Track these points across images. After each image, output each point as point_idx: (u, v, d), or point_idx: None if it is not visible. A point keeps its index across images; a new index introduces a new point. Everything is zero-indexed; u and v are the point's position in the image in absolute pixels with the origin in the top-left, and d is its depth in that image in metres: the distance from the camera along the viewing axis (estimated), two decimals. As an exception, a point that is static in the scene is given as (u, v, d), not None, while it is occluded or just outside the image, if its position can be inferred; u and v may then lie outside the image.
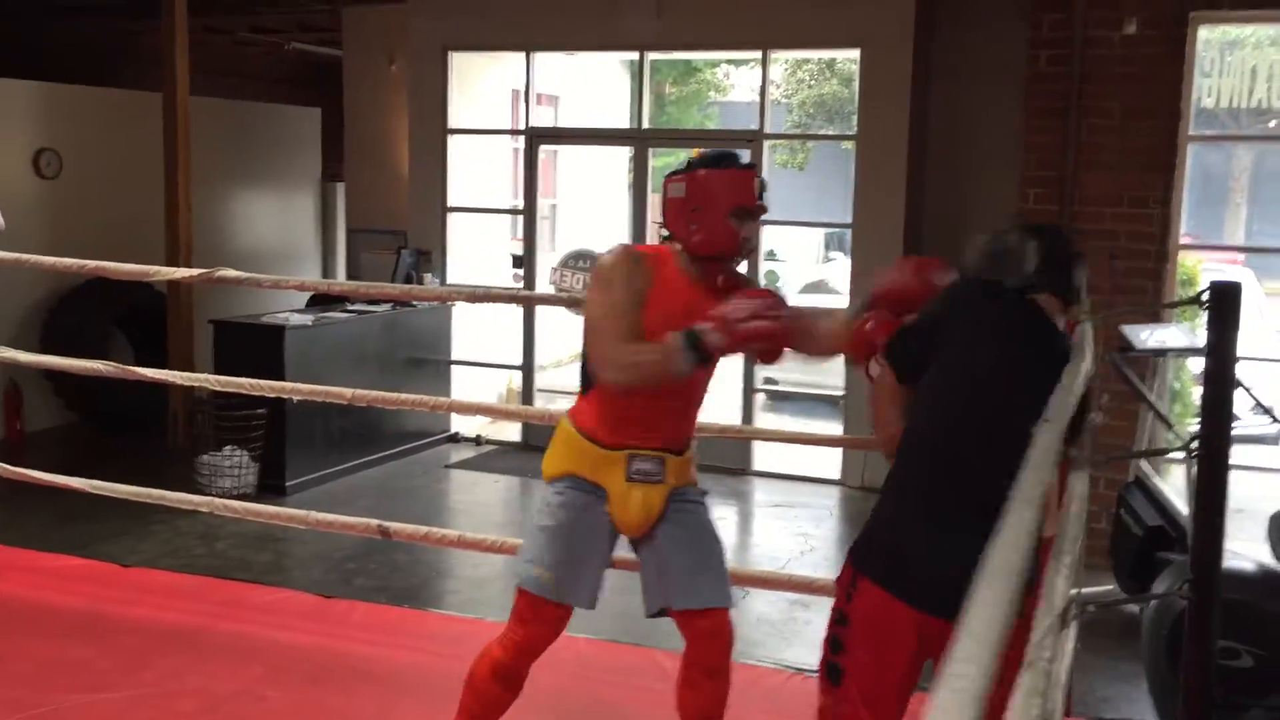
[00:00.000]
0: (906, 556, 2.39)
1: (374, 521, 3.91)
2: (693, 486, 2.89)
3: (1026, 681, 1.79)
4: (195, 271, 4.64)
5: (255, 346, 6.86)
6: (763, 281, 7.82)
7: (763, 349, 2.72)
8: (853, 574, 2.44)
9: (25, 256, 4.41)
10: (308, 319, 7.17)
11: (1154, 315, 6.01)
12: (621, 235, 7.96)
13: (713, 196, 2.68)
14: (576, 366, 10.83)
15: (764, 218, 2.84)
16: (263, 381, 4.35)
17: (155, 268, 4.52)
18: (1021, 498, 1.75)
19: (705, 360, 2.61)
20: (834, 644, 2.45)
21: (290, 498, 6.57)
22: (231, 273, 4.31)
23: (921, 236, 7.25)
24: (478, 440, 8.13)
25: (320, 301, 8.02)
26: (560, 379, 9.98)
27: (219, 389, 4.22)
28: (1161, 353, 5.14)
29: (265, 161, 9.72)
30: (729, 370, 2.70)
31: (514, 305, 8.16)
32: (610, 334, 2.65)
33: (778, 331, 2.60)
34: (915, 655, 2.41)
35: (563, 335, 9.36)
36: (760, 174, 2.82)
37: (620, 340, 2.64)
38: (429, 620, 4.45)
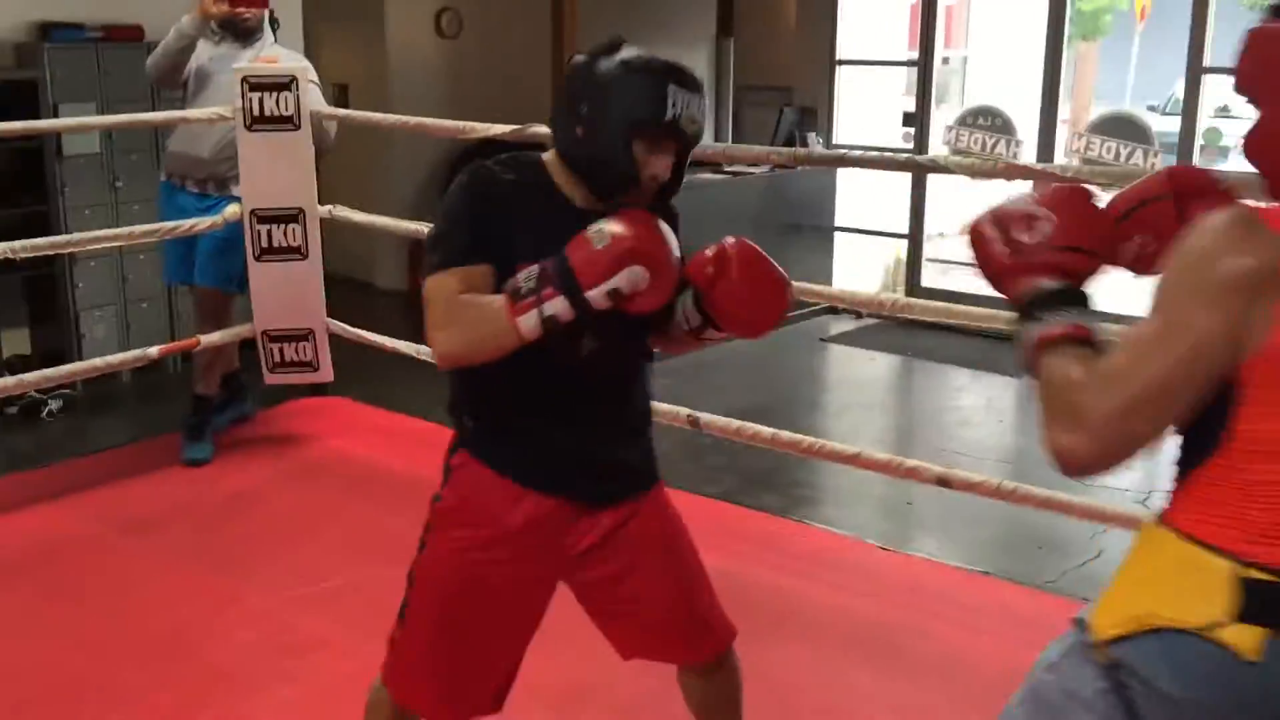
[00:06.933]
0: (519, 444, 2.03)
1: (683, 411, 3.56)
2: None
3: None
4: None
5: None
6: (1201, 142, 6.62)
7: None
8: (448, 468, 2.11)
9: (409, 119, 4.39)
10: (682, 180, 6.90)
11: None
12: (1033, 91, 7.02)
13: None
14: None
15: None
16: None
17: (501, 126, 4.30)
18: None
19: None
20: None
21: (658, 364, 6.39)
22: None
23: None
24: (859, 314, 7.60)
25: (697, 162, 7.72)
26: (952, 250, 9.19)
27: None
28: None
29: (658, 18, 9.44)
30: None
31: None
32: None
33: None
34: (518, 553, 2.02)
35: (958, 203, 8.48)
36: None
37: None
38: (749, 519, 4.13)
